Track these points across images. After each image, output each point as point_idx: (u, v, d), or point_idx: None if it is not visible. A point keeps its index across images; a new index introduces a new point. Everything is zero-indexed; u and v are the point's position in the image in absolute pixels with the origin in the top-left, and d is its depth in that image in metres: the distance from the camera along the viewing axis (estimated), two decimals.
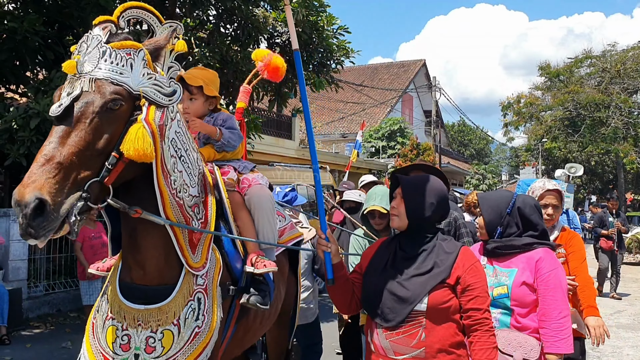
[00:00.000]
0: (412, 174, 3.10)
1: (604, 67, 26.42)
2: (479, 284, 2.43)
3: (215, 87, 3.22)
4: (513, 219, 2.97)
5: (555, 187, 3.63)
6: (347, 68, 40.26)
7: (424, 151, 26.37)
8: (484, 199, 3.07)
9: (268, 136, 18.22)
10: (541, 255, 2.89)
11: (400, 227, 2.56)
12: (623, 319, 8.87)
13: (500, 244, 2.95)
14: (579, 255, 3.63)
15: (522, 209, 2.97)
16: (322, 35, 9.88)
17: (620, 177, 33.10)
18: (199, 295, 2.57)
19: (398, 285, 2.44)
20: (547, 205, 3.60)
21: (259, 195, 3.07)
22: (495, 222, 2.97)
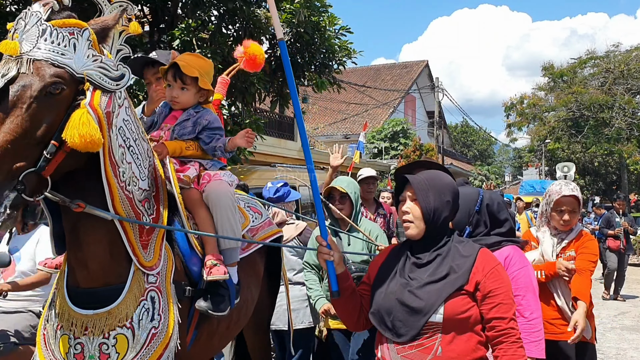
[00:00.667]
0: None
1: (608, 67, 26.34)
2: (502, 290, 2.16)
3: (210, 79, 3.04)
4: (482, 217, 2.82)
5: (573, 192, 3.51)
6: (350, 69, 40.31)
7: (426, 152, 26.32)
8: None
9: (270, 137, 18.21)
10: (509, 253, 2.75)
11: (418, 235, 2.26)
12: (627, 321, 8.81)
13: None
14: (588, 256, 3.51)
15: (490, 206, 2.82)
16: (324, 35, 9.83)
17: (623, 178, 32.99)
18: (152, 294, 2.37)
19: (410, 295, 2.18)
20: (562, 211, 3.51)
21: (217, 191, 2.84)
22: (464, 222, 2.81)
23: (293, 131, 20.11)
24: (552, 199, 3.52)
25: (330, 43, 9.98)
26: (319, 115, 32.66)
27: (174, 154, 2.87)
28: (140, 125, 2.50)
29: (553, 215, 3.55)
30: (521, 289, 2.66)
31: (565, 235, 3.59)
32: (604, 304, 10.21)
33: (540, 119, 29.62)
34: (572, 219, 3.53)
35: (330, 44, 10.00)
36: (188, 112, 2.97)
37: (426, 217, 2.23)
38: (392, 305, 2.20)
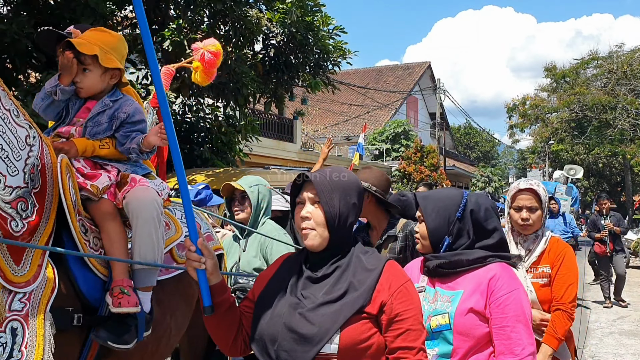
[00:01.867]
0: None
1: (611, 68, 26.10)
2: (411, 313, 1.77)
3: (118, 56, 2.54)
4: (464, 226, 2.25)
5: (531, 186, 3.02)
6: (352, 70, 40.41)
7: (427, 154, 26.14)
8: (427, 200, 2.33)
9: (269, 139, 18.11)
10: (496, 272, 2.16)
11: (320, 245, 1.86)
12: (626, 325, 8.63)
13: (444, 260, 2.21)
14: (567, 275, 2.96)
15: (476, 213, 2.25)
16: (317, 35, 9.72)
17: (627, 180, 32.73)
18: (13, 325, 1.90)
19: (300, 319, 1.76)
20: (520, 207, 3.02)
21: (139, 199, 2.39)
22: (442, 231, 2.24)
23: (292, 133, 20.00)
24: (510, 195, 3.11)
25: (323, 43, 9.87)
26: (320, 116, 32.57)
27: (85, 154, 2.48)
28: (16, 108, 2.07)
29: (512, 215, 3.06)
30: (510, 318, 2.09)
31: (533, 244, 3.04)
32: (602, 307, 10.02)
33: (542, 120, 29.40)
34: (533, 216, 2.99)
35: (324, 44, 9.89)
36: (103, 102, 2.54)
37: (330, 223, 1.83)
38: (278, 330, 1.79)
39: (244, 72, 9.08)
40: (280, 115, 19.33)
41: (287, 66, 10.07)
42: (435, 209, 2.26)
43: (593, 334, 8.06)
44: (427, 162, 25.81)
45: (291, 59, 10.03)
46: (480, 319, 2.13)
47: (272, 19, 9.45)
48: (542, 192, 3.02)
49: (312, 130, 29.91)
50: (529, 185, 3.04)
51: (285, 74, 10.07)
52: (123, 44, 2.62)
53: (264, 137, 17.52)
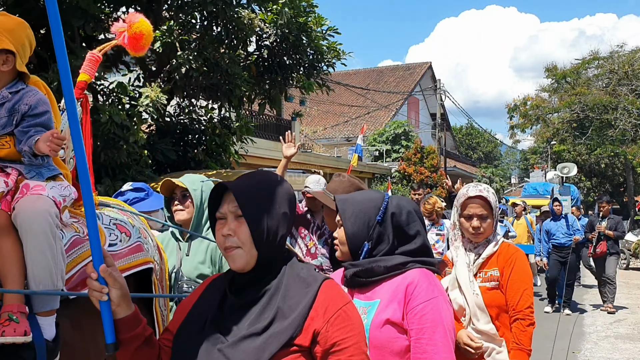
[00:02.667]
0: None
1: (612, 68, 25.97)
2: (351, 341, 1.50)
3: (14, 39, 2.19)
4: (385, 230, 2.07)
5: (480, 193, 2.87)
6: (352, 71, 40.35)
7: (427, 154, 26.03)
8: (346, 203, 2.13)
9: (267, 140, 18.03)
10: (414, 278, 1.95)
11: (248, 266, 1.57)
12: (622, 329, 8.53)
13: (361, 267, 2.01)
14: (520, 280, 2.79)
15: (397, 216, 2.08)
16: (310, 36, 9.64)
17: (629, 180, 32.57)
18: None
19: (219, 357, 1.48)
20: (470, 216, 2.87)
21: (27, 211, 2.05)
22: (362, 236, 2.04)
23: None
24: (459, 202, 2.93)
25: (317, 44, 9.79)
26: (320, 117, 32.51)
27: None
28: None
29: (462, 223, 2.92)
30: (427, 329, 1.89)
31: (483, 249, 2.90)
32: (599, 310, 9.92)
33: (543, 120, 29.28)
34: (484, 226, 2.86)
35: (317, 45, 9.81)
36: (1, 94, 2.22)
37: (257, 239, 1.55)
38: None
39: (237, 73, 9.01)
40: (278, 117, 19.26)
41: (280, 67, 9.99)
42: (355, 212, 2.08)
43: (588, 338, 7.96)
44: (427, 163, 25.71)
45: (285, 60, 9.96)
46: (398, 330, 1.93)
47: (265, 20, 9.38)
48: (492, 199, 2.89)
49: (311, 132, 29.83)
50: (479, 192, 2.88)
51: (279, 75, 9.99)
52: (23, 29, 2.30)
53: (262, 138, 17.45)
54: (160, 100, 8.37)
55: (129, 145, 8.47)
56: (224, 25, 8.91)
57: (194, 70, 8.58)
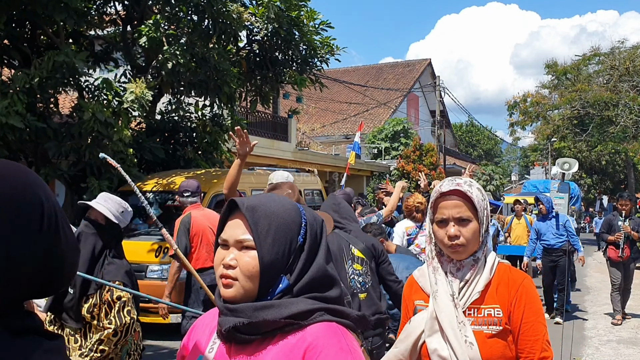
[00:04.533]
0: None
1: (613, 64, 25.64)
2: None
3: None
4: (302, 259, 1.41)
5: (458, 187, 1.98)
6: (352, 68, 40.07)
7: (426, 152, 25.74)
8: (258, 213, 1.36)
9: (263, 138, 17.75)
10: (316, 339, 1.28)
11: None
12: (625, 332, 8.24)
13: (243, 318, 1.30)
14: (537, 325, 1.94)
15: (317, 237, 1.42)
16: (302, 30, 9.36)
17: (630, 177, 32.30)
18: None
19: None
20: (444, 220, 1.97)
21: None
22: (280, 266, 1.35)
23: (287, 132, 19.63)
24: (431, 202, 2.06)
25: (309, 39, 9.50)
26: (319, 115, 32.21)
27: None
28: None
29: (435, 232, 2.00)
30: None
31: (471, 273, 1.98)
32: (601, 312, 9.62)
33: (544, 117, 28.97)
34: (466, 234, 1.95)
35: (310, 40, 9.52)
36: None
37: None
38: None
39: (226, 69, 8.73)
40: (274, 114, 18.98)
41: (272, 63, 9.71)
42: (273, 228, 1.34)
43: (589, 343, 7.68)
44: (426, 161, 25.43)
45: (276, 56, 9.67)
46: None
47: (255, 14, 9.10)
48: (476, 195, 1.98)
49: (309, 130, 29.55)
50: (456, 186, 1.98)
51: (270, 71, 9.71)
52: None
53: (258, 136, 17.16)
54: (145, 97, 8.08)
55: (113, 143, 8.21)
56: (212, 19, 8.63)
57: (180, 66, 8.31)
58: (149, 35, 8.26)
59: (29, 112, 8.06)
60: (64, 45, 8.72)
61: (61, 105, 10.08)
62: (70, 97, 10.93)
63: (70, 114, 9.19)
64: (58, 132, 8.61)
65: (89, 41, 10.44)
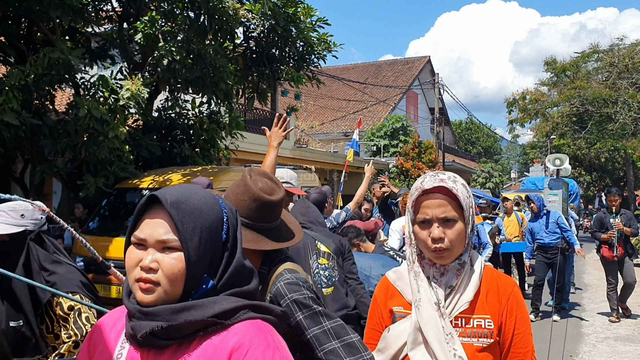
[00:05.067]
0: None
1: (612, 61, 25.61)
2: None
3: None
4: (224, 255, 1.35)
5: (442, 183, 1.77)
6: (351, 65, 40.03)
7: (425, 149, 25.71)
8: (182, 209, 1.24)
9: (261, 135, 17.71)
10: (242, 339, 1.21)
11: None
12: (622, 330, 8.22)
13: (161, 321, 1.19)
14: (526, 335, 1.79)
15: (237, 232, 1.34)
16: (299, 27, 9.32)
17: (629, 175, 32.28)
18: None
19: None
20: (427, 220, 1.77)
21: None
22: (204, 266, 1.25)
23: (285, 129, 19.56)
24: (412, 200, 1.83)
25: (306, 36, 9.47)
26: (318, 112, 32.18)
27: None
28: None
29: (417, 234, 1.81)
30: None
31: (458, 279, 1.79)
32: (598, 309, 9.60)
33: (543, 114, 28.94)
34: (451, 236, 1.75)
35: (307, 37, 9.48)
36: None
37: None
38: None
39: (222, 65, 8.69)
40: (272, 111, 18.94)
41: (269, 60, 9.67)
42: (199, 227, 1.23)
43: (586, 340, 7.66)
44: (425, 158, 25.41)
45: (273, 52, 9.63)
46: None
47: (252, 11, 9.06)
48: (462, 192, 1.78)
49: (308, 127, 29.52)
50: (440, 182, 1.77)
51: (267, 68, 9.67)
52: None
53: (255, 133, 17.13)
54: (141, 94, 8.05)
55: (109, 140, 8.17)
56: (208, 16, 8.59)
57: (176, 62, 8.27)
58: (145, 32, 8.22)
59: (24, 109, 8.02)
60: (59, 42, 8.69)
61: (57, 102, 10.05)
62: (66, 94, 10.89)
63: (66, 111, 9.16)
64: (54, 130, 8.57)
65: (86, 38, 10.39)
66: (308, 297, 1.93)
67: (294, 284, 1.94)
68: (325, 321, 1.90)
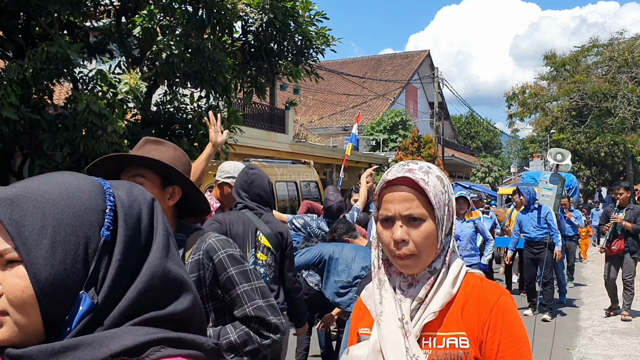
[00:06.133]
0: None
1: (612, 55, 25.59)
2: None
3: None
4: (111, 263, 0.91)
5: (409, 174, 1.44)
6: (350, 60, 39.98)
7: (425, 144, 25.72)
8: (19, 206, 0.85)
9: (260, 130, 17.73)
10: None
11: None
12: (619, 323, 8.26)
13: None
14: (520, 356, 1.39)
15: (134, 227, 0.93)
16: (298, 21, 9.31)
17: (629, 169, 32.30)
18: None
19: None
20: (390, 218, 1.45)
21: None
22: (71, 279, 0.86)
23: (284, 123, 19.59)
24: (376, 193, 1.53)
25: (304, 30, 9.46)
26: (317, 107, 32.16)
27: None
28: None
29: (380, 234, 1.49)
30: None
31: (426, 288, 1.45)
32: (596, 303, 9.63)
33: (542, 109, 28.94)
34: (416, 238, 1.42)
35: (305, 31, 9.48)
36: None
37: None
38: None
39: (220, 59, 8.69)
40: (271, 106, 18.94)
41: (267, 54, 9.67)
42: (50, 225, 0.85)
43: (583, 333, 7.70)
44: (424, 153, 25.42)
45: (272, 46, 9.63)
46: None
47: (250, 4, 9.05)
48: (433, 185, 1.44)
49: (307, 121, 29.51)
50: (407, 172, 1.45)
51: (265, 62, 9.67)
52: None
53: (254, 128, 17.14)
54: (140, 88, 8.05)
55: (107, 135, 8.18)
56: (207, 10, 8.58)
57: (175, 56, 8.27)
58: (143, 26, 8.21)
59: (22, 104, 8.03)
60: (58, 36, 8.68)
61: (56, 97, 10.05)
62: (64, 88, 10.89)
63: (64, 105, 9.17)
64: (52, 124, 8.58)
65: (84, 32, 10.39)
66: (239, 254, 1.99)
67: (226, 241, 1.99)
68: (254, 279, 1.98)
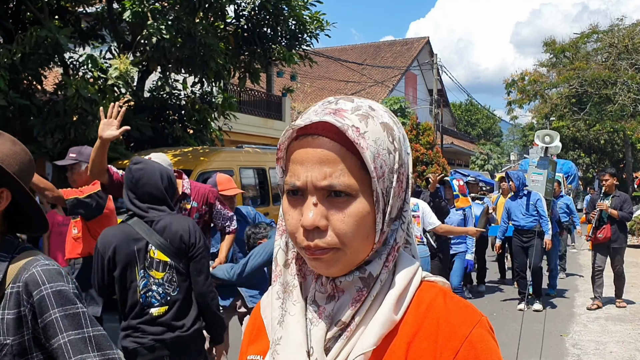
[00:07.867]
0: None
1: (611, 42, 25.38)
2: None
3: None
4: None
5: (331, 116, 0.82)
6: (349, 46, 39.74)
7: (423, 131, 25.59)
8: None
9: (257, 117, 17.63)
10: None
11: None
12: (614, 309, 8.21)
13: None
14: None
15: None
16: (291, 5, 9.19)
17: (628, 156, 32.18)
18: None
19: None
20: (297, 190, 0.85)
21: None
22: None
23: (281, 110, 19.50)
24: (281, 150, 0.88)
25: (297, 14, 9.34)
26: (315, 94, 31.99)
27: None
28: None
29: (285, 214, 0.88)
30: None
31: (355, 309, 0.86)
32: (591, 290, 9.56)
33: (541, 96, 28.77)
34: (340, 226, 0.83)
35: (298, 15, 9.36)
36: None
37: None
38: None
39: (212, 44, 8.58)
40: (268, 92, 18.82)
41: (260, 38, 9.55)
42: None
43: (578, 320, 7.65)
44: (423, 140, 25.30)
45: (265, 31, 9.51)
46: None
47: None
48: (374, 137, 0.84)
49: (304, 108, 29.35)
50: (330, 114, 0.83)
51: (258, 47, 9.56)
52: None
53: (251, 115, 17.04)
54: (130, 73, 7.96)
55: (98, 120, 8.09)
56: None
57: (165, 41, 8.17)
58: (133, 10, 8.11)
59: (12, 89, 7.95)
60: (47, 20, 8.58)
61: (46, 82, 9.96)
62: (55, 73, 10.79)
63: (54, 91, 9.07)
64: (42, 110, 8.50)
65: (75, 17, 10.28)
66: (72, 291, 1.52)
67: (56, 272, 1.52)
68: (89, 327, 1.50)
